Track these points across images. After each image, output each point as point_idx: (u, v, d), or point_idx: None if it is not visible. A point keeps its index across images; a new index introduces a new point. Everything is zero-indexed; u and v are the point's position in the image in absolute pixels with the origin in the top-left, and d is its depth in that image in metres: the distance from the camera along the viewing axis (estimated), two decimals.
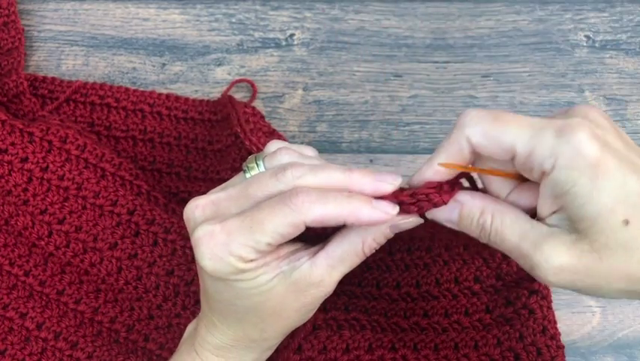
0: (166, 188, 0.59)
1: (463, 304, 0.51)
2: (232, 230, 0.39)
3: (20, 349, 0.54)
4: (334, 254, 0.41)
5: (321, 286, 0.42)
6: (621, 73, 0.62)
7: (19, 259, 0.55)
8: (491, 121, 0.36)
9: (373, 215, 0.39)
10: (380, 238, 0.41)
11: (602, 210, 0.34)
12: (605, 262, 0.35)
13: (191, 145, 0.60)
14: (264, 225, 0.38)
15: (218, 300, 0.42)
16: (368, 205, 0.39)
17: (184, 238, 0.54)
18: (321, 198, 0.38)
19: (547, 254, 0.36)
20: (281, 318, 0.43)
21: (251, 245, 0.38)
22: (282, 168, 0.40)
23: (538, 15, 0.63)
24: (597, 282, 0.36)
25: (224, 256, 0.39)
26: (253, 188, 0.40)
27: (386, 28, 0.63)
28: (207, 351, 0.45)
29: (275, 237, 0.38)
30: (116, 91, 0.61)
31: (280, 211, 0.38)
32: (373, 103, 0.62)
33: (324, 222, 0.39)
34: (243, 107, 0.58)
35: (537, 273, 0.37)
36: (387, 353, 0.51)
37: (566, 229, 0.36)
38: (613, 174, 0.34)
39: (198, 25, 0.64)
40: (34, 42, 0.64)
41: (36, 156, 0.55)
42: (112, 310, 0.54)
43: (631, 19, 0.63)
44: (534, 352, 0.49)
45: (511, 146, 0.36)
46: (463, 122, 0.37)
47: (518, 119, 0.36)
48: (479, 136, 0.37)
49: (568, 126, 0.35)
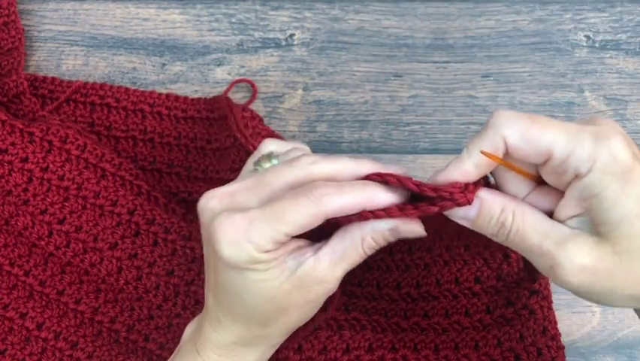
0: (166, 188, 0.59)
1: (463, 304, 0.51)
2: (253, 218, 0.40)
3: (20, 349, 0.54)
4: (337, 249, 0.42)
5: (324, 283, 0.42)
6: (621, 73, 0.62)
7: (20, 259, 0.55)
8: (529, 123, 0.37)
9: (388, 197, 0.40)
10: (379, 239, 0.42)
11: (628, 215, 0.35)
12: (624, 265, 0.36)
13: (190, 145, 0.60)
14: (285, 215, 0.39)
15: (228, 291, 0.42)
16: (383, 190, 0.40)
17: (184, 238, 0.54)
18: (339, 189, 0.39)
19: (572, 253, 0.36)
20: (285, 315, 0.43)
21: (270, 234, 0.39)
22: (295, 158, 0.42)
23: (538, 15, 0.63)
24: (613, 286, 0.37)
25: (242, 242, 0.39)
26: (269, 176, 0.41)
27: (386, 28, 0.63)
28: (209, 350, 0.45)
29: (295, 227, 0.39)
30: (116, 91, 0.61)
31: (302, 202, 0.39)
32: (373, 103, 0.62)
33: (344, 212, 0.40)
34: (240, 111, 0.58)
35: (558, 272, 0.37)
36: (388, 353, 0.51)
37: (587, 232, 0.37)
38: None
39: (198, 25, 0.64)
40: (34, 42, 0.64)
41: (36, 156, 0.55)
42: (112, 310, 0.54)
43: (631, 19, 0.63)
44: (534, 352, 0.49)
45: (549, 149, 0.36)
46: (499, 122, 0.37)
47: (554, 122, 0.37)
48: (517, 137, 0.37)
49: (604, 132, 0.36)
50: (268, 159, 0.44)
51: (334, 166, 0.41)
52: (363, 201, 0.40)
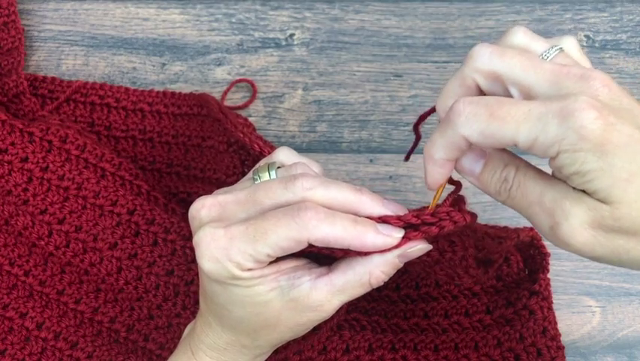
0: (166, 188, 0.59)
1: (463, 305, 0.51)
2: (235, 236, 0.38)
3: (20, 349, 0.54)
4: (337, 282, 0.41)
5: (319, 311, 0.41)
6: (621, 73, 0.62)
7: (19, 258, 0.55)
8: (487, 119, 0.35)
9: (377, 240, 0.39)
10: (388, 270, 0.40)
11: (617, 182, 0.34)
12: (624, 229, 0.34)
13: (187, 142, 0.60)
14: (267, 235, 0.38)
15: (215, 302, 0.42)
16: (373, 230, 0.39)
17: (184, 238, 0.54)
18: (329, 217, 0.38)
19: (571, 211, 0.35)
20: (274, 331, 0.42)
21: (250, 253, 0.38)
22: (292, 177, 0.40)
23: (538, 15, 0.63)
24: (616, 249, 0.35)
25: (222, 260, 0.39)
26: (260, 194, 0.40)
27: (386, 28, 0.63)
28: (201, 351, 0.45)
29: (275, 249, 0.38)
30: (116, 91, 0.61)
31: (286, 224, 0.38)
32: (373, 103, 0.62)
33: (328, 242, 0.38)
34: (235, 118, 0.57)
35: (558, 232, 0.36)
36: (388, 353, 0.51)
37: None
38: (622, 150, 0.33)
39: (198, 25, 0.64)
40: (34, 42, 0.64)
41: (36, 155, 0.55)
42: (112, 310, 0.54)
43: (631, 19, 0.63)
44: (534, 353, 0.49)
45: (512, 141, 0.35)
46: (458, 121, 0.36)
47: (514, 110, 0.35)
48: (477, 135, 0.36)
49: (567, 110, 0.34)
50: (267, 170, 0.42)
51: (330, 194, 0.39)
52: (349, 238, 0.38)
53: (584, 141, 0.33)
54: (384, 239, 0.39)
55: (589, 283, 0.59)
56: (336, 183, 0.40)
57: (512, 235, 0.47)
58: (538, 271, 0.51)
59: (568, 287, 0.58)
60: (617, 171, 0.33)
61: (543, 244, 0.50)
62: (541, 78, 0.36)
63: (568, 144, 0.34)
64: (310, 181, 0.39)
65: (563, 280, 0.58)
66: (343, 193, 0.39)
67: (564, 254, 0.59)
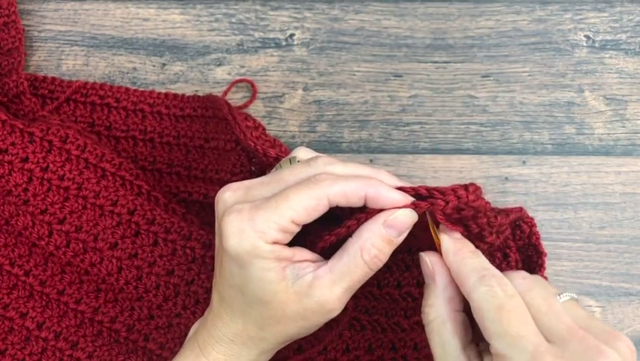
0: (166, 188, 0.59)
1: None
2: (259, 206, 0.41)
3: (20, 349, 0.54)
4: (335, 268, 0.42)
5: (321, 303, 0.42)
6: (621, 73, 0.62)
7: (20, 259, 0.55)
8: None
9: (391, 193, 0.41)
10: (378, 242, 0.42)
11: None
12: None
13: (189, 144, 0.60)
14: (288, 198, 0.40)
15: (230, 285, 0.43)
16: (387, 185, 0.42)
17: (184, 238, 0.54)
18: (345, 177, 0.41)
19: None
20: (280, 324, 0.43)
21: (275, 220, 0.40)
22: (314, 157, 0.44)
23: (538, 15, 0.63)
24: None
25: (247, 231, 0.40)
26: (284, 173, 0.43)
27: (386, 28, 0.63)
28: (210, 346, 0.45)
29: (298, 210, 0.40)
30: (116, 91, 0.61)
31: (304, 186, 0.41)
32: (373, 103, 0.62)
33: (346, 195, 0.41)
34: (244, 120, 0.57)
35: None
36: (388, 353, 0.51)
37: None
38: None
39: (198, 25, 0.64)
40: (34, 42, 0.64)
41: (36, 156, 0.55)
42: (112, 310, 0.54)
43: (631, 19, 0.63)
44: None
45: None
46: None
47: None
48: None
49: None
50: (289, 162, 0.45)
51: (349, 170, 0.43)
52: (365, 188, 0.41)
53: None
54: (397, 193, 0.42)
55: (589, 283, 0.59)
56: (355, 163, 0.44)
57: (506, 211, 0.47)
58: (534, 270, 0.51)
59: (568, 287, 0.58)
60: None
61: (536, 232, 0.50)
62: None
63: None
64: (330, 159, 0.43)
65: (563, 280, 0.58)
66: (361, 169, 0.43)
67: (564, 254, 0.59)
